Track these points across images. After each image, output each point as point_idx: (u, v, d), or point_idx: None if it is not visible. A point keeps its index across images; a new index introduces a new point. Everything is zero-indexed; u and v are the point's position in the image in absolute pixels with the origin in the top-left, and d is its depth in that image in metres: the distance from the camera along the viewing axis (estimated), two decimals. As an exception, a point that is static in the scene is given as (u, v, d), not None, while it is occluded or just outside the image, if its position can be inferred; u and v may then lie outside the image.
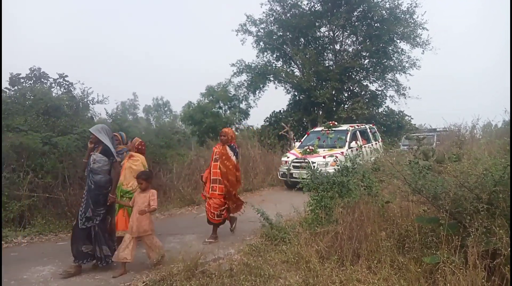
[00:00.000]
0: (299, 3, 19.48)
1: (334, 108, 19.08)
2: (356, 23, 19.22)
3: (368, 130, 12.60)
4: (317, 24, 19.14)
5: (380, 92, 20.01)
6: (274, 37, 20.00)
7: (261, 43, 20.39)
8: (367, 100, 19.04)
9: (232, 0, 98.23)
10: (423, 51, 18.13)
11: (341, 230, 4.18)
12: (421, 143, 5.55)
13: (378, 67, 19.25)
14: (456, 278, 2.94)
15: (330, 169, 8.13)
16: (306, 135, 12.61)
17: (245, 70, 20.07)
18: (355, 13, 18.87)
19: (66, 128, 8.38)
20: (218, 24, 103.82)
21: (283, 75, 19.43)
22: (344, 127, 11.94)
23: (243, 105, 21.05)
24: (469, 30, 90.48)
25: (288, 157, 10.82)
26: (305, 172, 8.42)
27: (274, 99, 25.48)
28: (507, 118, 9.43)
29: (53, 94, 10.26)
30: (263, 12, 20.05)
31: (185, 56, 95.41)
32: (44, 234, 6.17)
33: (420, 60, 18.58)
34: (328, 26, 19.35)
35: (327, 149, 10.68)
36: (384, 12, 17.63)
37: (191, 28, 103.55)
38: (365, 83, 19.91)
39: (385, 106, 20.11)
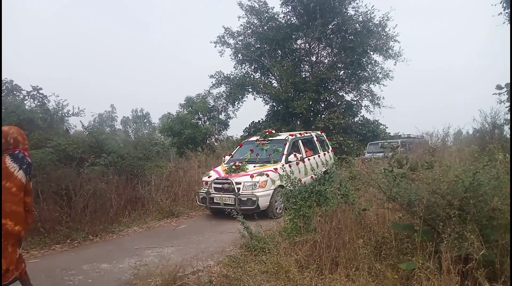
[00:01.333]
0: (275, 16, 19.82)
1: (312, 118, 19.37)
2: (331, 36, 19.69)
3: (315, 139, 10.82)
4: (293, 36, 19.49)
5: (355, 102, 20.49)
6: (252, 49, 20.22)
7: (239, 55, 20.58)
8: (343, 110, 19.43)
9: (211, 12, 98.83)
10: (395, 62, 18.77)
11: (320, 239, 4.22)
12: (396, 152, 5.70)
13: (353, 78, 19.73)
14: (431, 284, 3.01)
15: (259, 192, 7.73)
16: (238, 147, 10.49)
17: (224, 81, 20.16)
18: (330, 26, 19.35)
19: (39, 141, 8.13)
20: (197, 35, 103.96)
21: (261, 86, 19.61)
22: (283, 136, 9.95)
23: (222, 116, 21.04)
24: (441, 40, 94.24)
25: (209, 176, 8.67)
26: (228, 196, 7.95)
27: (253, 110, 25.63)
28: (476, 126, 9.75)
29: (26, 107, 9.96)
30: (241, 25, 20.31)
31: (165, 66, 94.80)
32: (15, 251, 5.91)
33: (393, 71, 19.20)
34: (304, 38, 19.73)
35: (259, 165, 8.58)
36: (357, 25, 18.17)
37: (171, 39, 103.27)
38: (341, 94, 20.36)
39: (361, 116, 20.62)
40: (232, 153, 10.11)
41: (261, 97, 20.71)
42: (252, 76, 20.77)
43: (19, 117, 8.86)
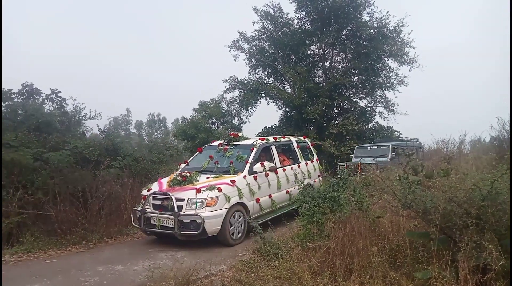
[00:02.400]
0: (290, 21, 19.88)
1: (325, 124, 19.30)
2: (345, 41, 19.64)
3: (295, 145, 8.92)
4: (307, 42, 19.51)
5: (369, 108, 20.34)
6: (266, 54, 20.30)
7: (253, 60, 20.68)
8: (356, 116, 19.31)
9: (226, 17, 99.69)
10: (410, 68, 18.58)
11: (333, 245, 4.19)
12: (411, 159, 5.63)
13: (367, 84, 19.61)
14: (448, 293, 2.96)
15: (207, 212, 5.90)
16: (197, 152, 8.42)
17: (238, 86, 20.29)
18: (344, 32, 19.30)
19: (57, 143, 8.33)
20: (212, 40, 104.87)
21: (275, 91, 19.66)
22: (252, 140, 7.97)
23: (235, 121, 21.16)
24: (458, 47, 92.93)
25: (149, 190, 6.71)
26: (167, 217, 6.01)
27: (266, 115, 25.75)
28: (494, 133, 9.54)
29: (45, 110, 10.23)
30: (255, 30, 20.43)
31: (180, 72, 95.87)
32: (33, 252, 6.04)
33: (408, 77, 19.00)
34: (318, 44, 19.73)
35: (214, 175, 6.62)
36: (372, 31, 18.07)
37: (185, 44, 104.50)
38: (354, 100, 20.24)
39: (375, 122, 20.43)
40: (189, 161, 8.04)
41: (274, 102, 20.76)
42: (265, 81, 20.85)
43: (38, 120, 9.12)
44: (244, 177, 6.73)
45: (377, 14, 18.43)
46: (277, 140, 8.54)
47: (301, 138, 9.68)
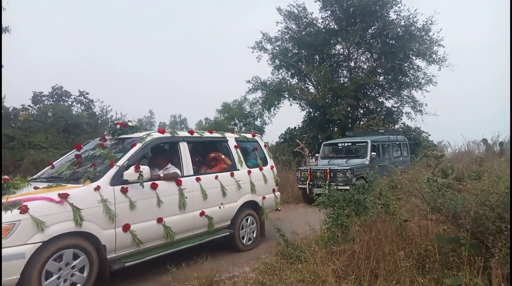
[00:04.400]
0: (314, 21, 19.72)
1: (350, 125, 19.00)
2: (371, 41, 19.29)
3: (230, 145, 6.32)
4: (332, 41, 19.29)
5: (396, 109, 19.88)
6: (289, 55, 20.22)
7: (276, 61, 20.64)
8: (382, 116, 18.92)
9: (248, 18, 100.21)
10: (439, 67, 18.03)
11: (358, 249, 4.11)
12: (440, 161, 5.46)
13: (393, 84, 19.17)
14: (479, 301, 2.84)
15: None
16: (73, 150, 5.58)
17: (260, 87, 20.29)
18: (370, 31, 18.97)
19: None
20: (235, 40, 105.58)
21: (298, 92, 19.54)
22: (142, 133, 5.21)
23: (258, 122, 21.17)
24: (488, 43, 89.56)
25: None
26: None
27: (289, 116, 25.66)
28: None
29: (74, 112, 10.57)
30: (279, 30, 20.39)
31: (203, 73, 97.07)
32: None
33: (437, 77, 18.44)
34: (343, 43, 19.48)
35: (55, 184, 4.24)
36: (399, 29, 17.67)
37: (209, 44, 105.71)
38: (380, 100, 19.84)
39: (401, 123, 19.94)
40: (55, 163, 5.34)
41: (297, 103, 20.62)
42: (288, 82, 20.76)
43: (66, 121, 9.44)
44: (96, 189, 4.11)
45: (404, 12, 18.03)
46: (193, 135, 5.77)
47: (247, 135, 7.03)
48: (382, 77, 19.59)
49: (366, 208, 4.91)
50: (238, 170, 6.15)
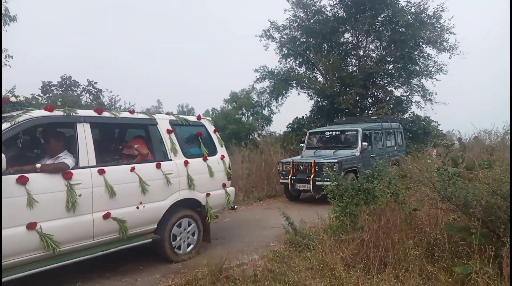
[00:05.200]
0: (322, 9, 19.44)
1: (358, 114, 18.84)
2: (381, 28, 18.97)
3: (162, 129, 5.05)
4: (340, 30, 19.01)
5: (405, 98, 19.61)
6: (297, 43, 20.01)
7: (284, 49, 20.44)
8: (392, 105, 18.67)
9: (255, 6, 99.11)
10: (450, 56, 17.70)
11: (367, 238, 4.11)
12: (450, 150, 5.40)
13: (403, 73, 18.89)
14: (489, 290, 2.83)
15: None
16: None
17: (268, 76, 20.15)
18: (379, 18, 18.64)
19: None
20: (242, 29, 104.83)
21: (306, 81, 19.37)
22: (36, 113, 3.90)
23: (265, 112, 21.09)
24: (502, 32, 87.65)
25: None
26: None
27: (297, 105, 25.45)
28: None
29: (82, 102, 10.65)
30: (287, 19, 20.11)
31: (209, 62, 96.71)
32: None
33: (448, 65, 18.12)
34: (351, 31, 19.19)
35: None
36: (409, 17, 17.32)
37: (214, 33, 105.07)
38: (389, 89, 19.57)
39: (411, 112, 19.67)
40: None
41: (305, 92, 20.45)
42: (296, 71, 20.57)
43: (76, 111, 9.50)
44: None
45: (415, -1, 17.64)
46: (107, 115, 4.51)
47: (190, 118, 5.71)
48: (391, 66, 19.30)
49: (375, 197, 4.91)
50: (170, 160, 4.93)
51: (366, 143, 9.69)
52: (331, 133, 10.72)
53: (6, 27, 10.19)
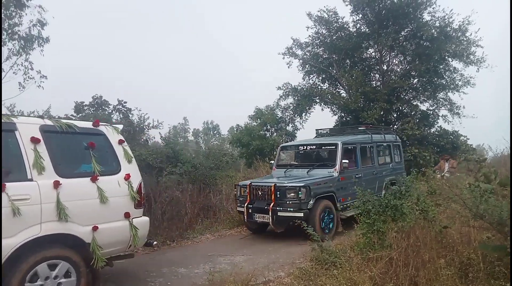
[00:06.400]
0: (345, 25, 19.51)
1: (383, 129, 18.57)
2: (404, 43, 18.81)
3: (18, 136, 3.67)
4: (363, 45, 18.98)
5: (431, 112, 19.19)
6: (320, 60, 20.09)
7: (307, 66, 20.56)
8: (417, 120, 18.32)
9: (279, 24, 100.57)
10: (478, 69, 17.28)
11: (396, 256, 4.02)
12: (482, 165, 5.23)
13: (428, 86, 18.54)
14: (528, 312, 2.71)
15: None
16: None
17: (291, 93, 20.26)
18: (403, 33, 18.50)
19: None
20: (266, 46, 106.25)
21: (329, 96, 19.34)
22: None
23: (289, 128, 21.13)
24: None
25: None
26: None
27: (320, 120, 25.39)
28: None
29: (113, 120, 11.03)
30: (309, 35, 20.27)
31: (233, 79, 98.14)
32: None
33: (475, 78, 17.67)
34: (374, 47, 19.12)
35: None
36: (434, 31, 17.11)
37: (239, 52, 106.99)
38: (415, 103, 19.22)
39: (438, 126, 19.19)
40: None
41: (329, 107, 20.39)
42: (319, 87, 20.58)
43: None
44: None
45: (439, 13, 17.36)
46: None
47: (81, 123, 4.47)
48: (416, 80, 19.01)
49: (403, 213, 4.81)
50: (30, 180, 3.60)
51: (347, 161, 7.55)
52: (305, 148, 8.71)
53: (41, 48, 10.84)
